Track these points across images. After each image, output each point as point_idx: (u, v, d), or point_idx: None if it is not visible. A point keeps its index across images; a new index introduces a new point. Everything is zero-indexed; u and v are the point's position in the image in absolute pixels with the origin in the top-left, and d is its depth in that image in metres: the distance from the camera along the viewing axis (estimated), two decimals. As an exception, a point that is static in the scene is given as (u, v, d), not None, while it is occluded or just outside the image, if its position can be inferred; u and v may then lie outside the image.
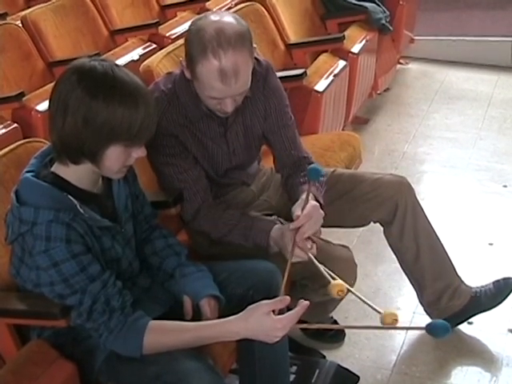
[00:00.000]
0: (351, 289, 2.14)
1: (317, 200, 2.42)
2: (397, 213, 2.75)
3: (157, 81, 2.58)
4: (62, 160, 1.98)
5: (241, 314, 1.97)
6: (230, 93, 2.30)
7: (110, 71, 1.90)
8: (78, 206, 1.93)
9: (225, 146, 2.55)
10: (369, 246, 3.56)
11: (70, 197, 1.94)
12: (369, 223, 2.84)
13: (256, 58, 2.54)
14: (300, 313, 1.95)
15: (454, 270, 2.92)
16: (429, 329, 1.93)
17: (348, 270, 2.59)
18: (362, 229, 3.17)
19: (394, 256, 2.88)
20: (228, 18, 2.32)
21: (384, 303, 3.23)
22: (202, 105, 2.44)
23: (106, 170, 1.99)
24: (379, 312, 2.04)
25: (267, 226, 2.47)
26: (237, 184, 2.70)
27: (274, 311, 1.95)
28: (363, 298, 2.12)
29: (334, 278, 2.14)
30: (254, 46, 2.37)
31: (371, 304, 2.10)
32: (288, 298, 1.99)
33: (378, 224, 2.84)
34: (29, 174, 1.98)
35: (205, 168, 2.55)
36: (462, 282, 2.94)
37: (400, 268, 2.92)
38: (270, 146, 2.68)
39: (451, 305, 2.90)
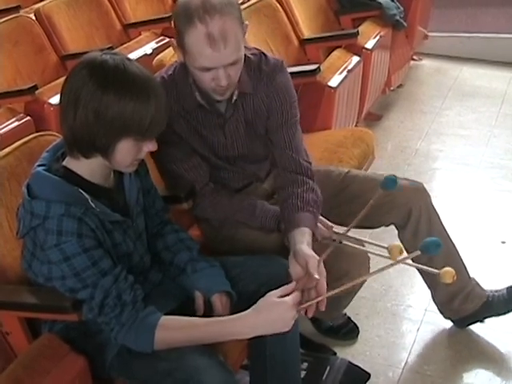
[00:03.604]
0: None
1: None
2: (410, 218, 2.72)
3: (162, 69, 2.58)
4: (73, 154, 1.97)
5: (252, 308, 1.98)
6: (220, 59, 2.23)
7: (121, 65, 1.89)
8: (90, 201, 1.93)
9: (222, 137, 2.52)
10: (381, 242, 3.54)
11: (81, 191, 1.94)
12: (379, 227, 2.79)
13: (264, 55, 2.52)
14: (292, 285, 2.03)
15: (468, 274, 2.89)
16: (422, 249, 1.99)
17: (361, 263, 2.57)
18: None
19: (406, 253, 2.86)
20: None
21: (395, 300, 3.22)
22: (196, 95, 2.42)
23: (118, 163, 1.99)
24: (385, 247, 2.18)
25: (278, 209, 2.50)
26: (250, 178, 2.66)
27: None
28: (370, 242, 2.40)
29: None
30: (246, 23, 2.32)
31: (376, 243, 2.33)
32: (293, 284, 2.04)
33: (390, 222, 2.82)
34: (40, 168, 1.98)
35: (206, 155, 2.53)
36: (477, 284, 2.92)
37: (412, 265, 2.90)
38: (271, 145, 2.59)
39: (464, 307, 2.90)
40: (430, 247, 1.97)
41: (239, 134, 2.54)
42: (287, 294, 1.99)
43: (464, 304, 2.89)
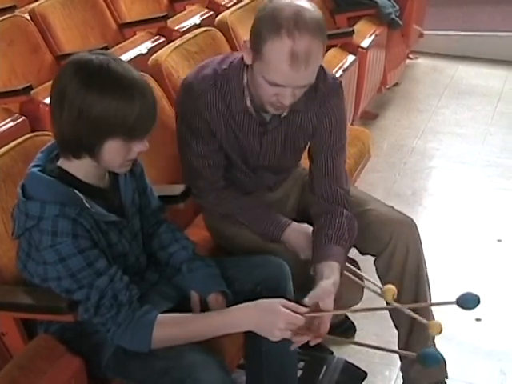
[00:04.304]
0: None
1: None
2: (385, 250, 2.50)
3: (214, 58, 2.48)
4: (64, 154, 1.97)
5: (254, 302, 2.00)
6: (294, 80, 2.13)
7: (105, 64, 1.87)
8: (85, 201, 1.93)
9: (257, 146, 2.46)
10: (377, 282, 3.53)
11: (76, 191, 1.93)
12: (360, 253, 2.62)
13: (324, 71, 2.39)
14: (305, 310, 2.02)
15: (433, 342, 2.57)
16: (420, 357, 1.88)
17: (354, 290, 2.56)
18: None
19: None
20: (305, 4, 2.16)
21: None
22: (247, 99, 2.34)
23: (107, 164, 1.98)
24: (380, 287, 2.17)
25: (284, 220, 2.46)
26: (263, 186, 2.62)
27: None
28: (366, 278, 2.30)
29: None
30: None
31: (373, 281, 2.26)
32: (308, 309, 2.03)
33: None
34: (35, 169, 1.97)
35: (233, 158, 2.49)
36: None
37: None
38: (312, 164, 2.52)
39: (419, 379, 2.62)
40: (429, 360, 1.88)
41: (275, 147, 2.47)
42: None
43: (420, 374, 2.60)
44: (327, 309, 2.10)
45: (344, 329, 3.02)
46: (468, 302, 1.91)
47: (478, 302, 1.90)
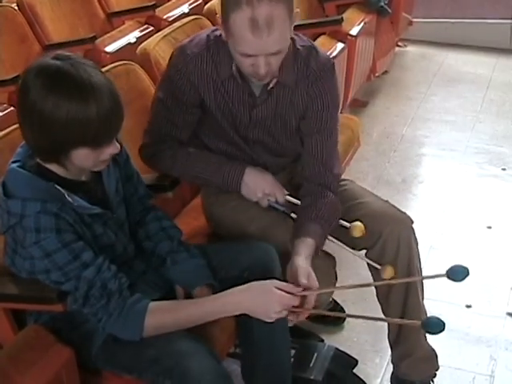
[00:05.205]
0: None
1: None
2: (377, 243, 2.47)
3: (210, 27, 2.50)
4: (37, 157, 1.95)
5: (245, 285, 2.00)
6: (261, 47, 2.14)
7: (62, 70, 1.81)
8: (66, 196, 1.91)
9: (246, 117, 2.43)
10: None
11: (57, 186, 1.91)
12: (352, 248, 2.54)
13: (316, 50, 2.42)
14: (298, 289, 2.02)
15: (425, 337, 2.59)
16: (424, 324, 1.95)
17: (324, 281, 2.54)
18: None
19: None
20: None
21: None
22: (233, 64, 2.32)
23: (79, 167, 1.95)
24: (347, 227, 2.35)
25: (242, 164, 2.46)
26: (258, 164, 2.55)
27: None
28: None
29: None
30: (297, 10, 2.22)
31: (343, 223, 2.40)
32: (300, 289, 2.04)
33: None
34: (15, 165, 1.95)
35: (224, 125, 2.46)
36: (433, 357, 2.63)
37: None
38: (302, 147, 2.51)
39: (408, 373, 2.65)
40: (433, 325, 1.93)
41: (266, 122, 2.46)
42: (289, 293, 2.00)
43: (411, 369, 2.63)
44: (314, 285, 2.11)
45: (334, 316, 3.02)
46: (458, 273, 1.93)
47: (467, 274, 1.92)
